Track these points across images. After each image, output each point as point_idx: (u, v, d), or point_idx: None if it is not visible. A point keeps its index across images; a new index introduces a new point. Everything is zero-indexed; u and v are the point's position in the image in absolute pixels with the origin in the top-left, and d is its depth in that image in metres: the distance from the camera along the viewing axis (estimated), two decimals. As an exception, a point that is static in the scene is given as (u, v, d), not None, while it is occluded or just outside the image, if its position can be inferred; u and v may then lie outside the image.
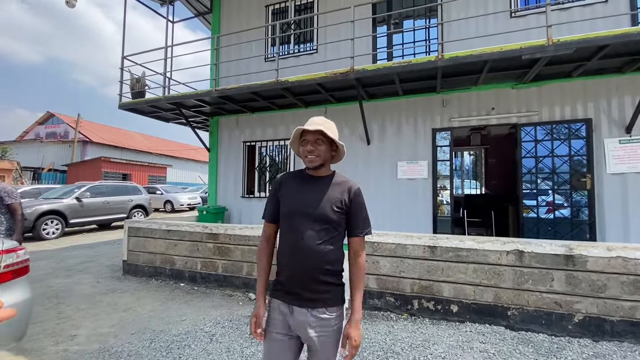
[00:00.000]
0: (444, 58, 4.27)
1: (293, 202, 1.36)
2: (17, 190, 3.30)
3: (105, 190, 10.50)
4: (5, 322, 0.61)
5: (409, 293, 3.47)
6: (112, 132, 26.77)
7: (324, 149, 1.35)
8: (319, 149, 1.34)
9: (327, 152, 1.36)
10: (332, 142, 1.37)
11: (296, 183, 1.41)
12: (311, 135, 1.34)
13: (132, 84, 6.59)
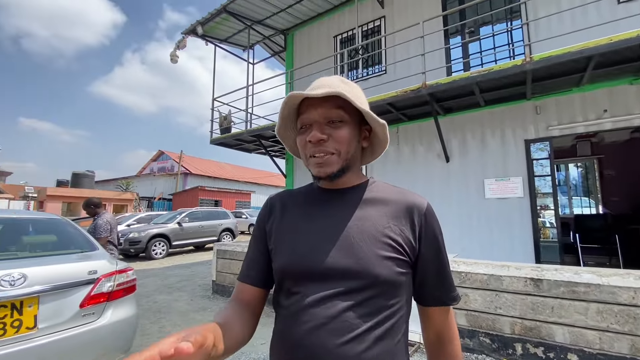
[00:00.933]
0: (532, 60, 3.76)
1: (294, 249, 0.70)
2: (106, 225, 3.92)
3: (201, 216, 11.87)
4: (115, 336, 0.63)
5: (508, 334, 2.94)
6: (206, 164, 30.65)
7: (347, 134, 0.69)
8: (337, 136, 0.69)
9: (352, 140, 0.71)
10: (361, 119, 0.74)
11: (299, 209, 0.77)
12: (318, 110, 0.69)
13: (220, 122, 7.47)
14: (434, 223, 0.72)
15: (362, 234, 0.67)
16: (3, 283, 1.85)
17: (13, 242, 2.59)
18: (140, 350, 1.50)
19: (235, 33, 8.03)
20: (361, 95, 0.74)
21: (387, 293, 0.65)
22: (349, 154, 0.71)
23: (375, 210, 0.71)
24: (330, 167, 0.69)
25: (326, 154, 0.69)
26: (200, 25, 7.10)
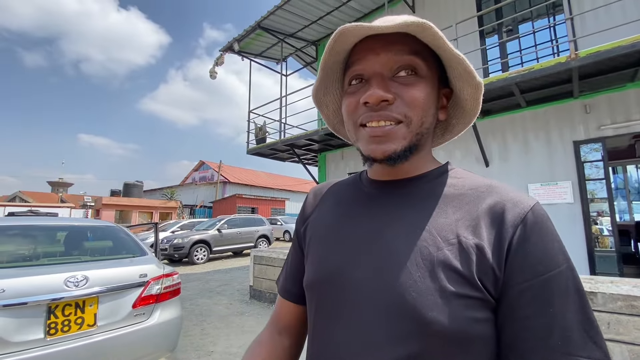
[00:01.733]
0: (578, 57, 3.52)
1: (322, 262, 0.52)
2: None
3: (239, 223, 12.34)
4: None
5: None
6: (243, 172, 31.84)
7: (424, 95, 0.47)
8: (409, 97, 0.46)
9: (430, 106, 0.49)
10: (440, 79, 0.51)
11: (340, 207, 0.57)
12: (381, 57, 0.47)
13: (255, 133, 7.78)
14: (540, 239, 0.42)
15: (414, 253, 0.44)
16: (69, 284, 2.09)
17: (76, 247, 2.90)
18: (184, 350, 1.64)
19: (269, 47, 8.37)
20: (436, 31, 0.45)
21: (447, 352, 0.40)
22: (423, 126, 0.48)
23: (443, 215, 0.46)
24: (392, 143, 0.46)
25: (390, 122, 0.46)
26: (237, 42, 7.50)
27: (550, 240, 0.42)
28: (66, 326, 2.02)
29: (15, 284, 1.92)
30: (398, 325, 0.41)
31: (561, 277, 0.40)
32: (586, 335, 0.39)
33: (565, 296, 0.40)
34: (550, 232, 0.43)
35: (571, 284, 0.40)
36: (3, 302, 1.82)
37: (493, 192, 0.47)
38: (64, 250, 2.78)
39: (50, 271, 2.13)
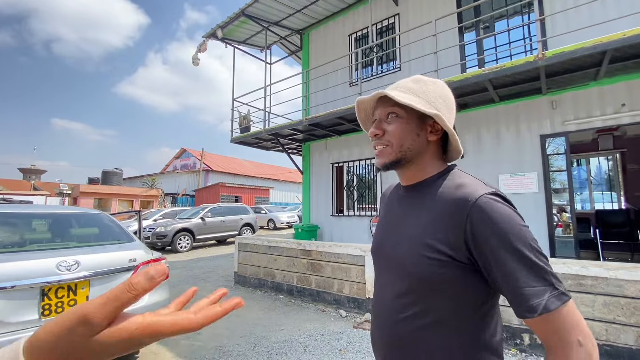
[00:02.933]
0: (545, 57, 3.78)
1: (375, 238, 0.89)
2: None
3: (222, 211, 12.34)
4: None
5: (516, 325, 3.05)
6: (227, 161, 31.44)
7: (398, 128, 0.76)
8: (389, 130, 0.77)
9: (407, 134, 0.76)
10: (423, 115, 0.76)
11: (388, 204, 0.90)
12: (378, 109, 0.81)
13: (240, 121, 7.78)
14: (484, 222, 0.64)
15: (412, 235, 0.73)
16: (61, 268, 2.18)
17: (61, 234, 2.95)
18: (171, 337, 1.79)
19: (253, 35, 8.29)
20: (432, 91, 0.77)
21: (422, 288, 0.70)
22: (404, 147, 0.76)
23: (431, 210, 0.72)
24: (383, 158, 0.78)
25: (381, 146, 0.78)
26: (220, 28, 7.40)
27: (492, 222, 0.63)
28: (59, 308, 2.12)
29: (8, 268, 2.00)
30: (399, 274, 0.75)
31: (504, 248, 0.62)
32: (530, 274, 0.60)
33: (508, 260, 0.62)
34: (492, 215, 0.64)
35: (512, 252, 0.62)
36: (-1, 284, 1.90)
37: (459, 190, 0.70)
38: (51, 237, 2.83)
39: (41, 256, 2.21)
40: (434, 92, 0.77)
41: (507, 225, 0.63)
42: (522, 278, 0.60)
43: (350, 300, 4.22)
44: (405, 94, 0.75)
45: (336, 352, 3.04)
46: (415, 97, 0.74)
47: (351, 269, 4.28)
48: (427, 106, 0.73)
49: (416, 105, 0.72)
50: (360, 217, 6.99)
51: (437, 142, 0.79)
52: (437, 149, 0.80)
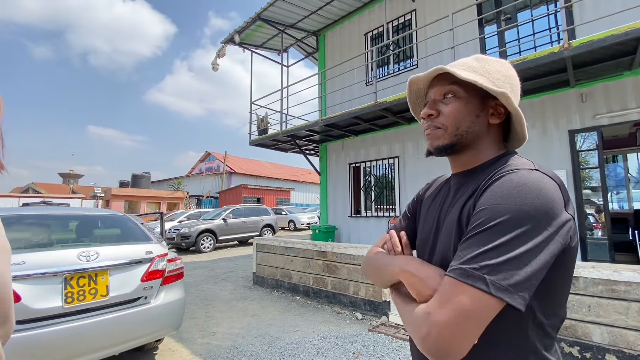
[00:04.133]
0: (571, 46, 3.55)
1: (418, 236, 0.81)
2: None
3: (244, 212, 12.58)
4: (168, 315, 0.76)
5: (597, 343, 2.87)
6: (249, 163, 32.08)
7: (455, 109, 0.69)
8: (445, 111, 0.70)
9: (465, 115, 0.69)
10: (485, 95, 0.68)
11: (432, 194, 0.84)
12: (433, 89, 0.73)
13: (257, 124, 7.91)
14: (487, 193, 0.59)
15: (450, 223, 0.67)
16: (81, 258, 2.31)
17: (87, 234, 3.11)
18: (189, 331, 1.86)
19: (269, 38, 8.41)
20: (497, 70, 0.68)
21: None
22: (460, 130, 0.68)
23: (467, 193, 0.66)
24: (436, 140, 0.71)
25: (433, 128, 0.71)
26: (237, 33, 7.56)
27: (494, 195, 0.57)
28: (81, 295, 2.24)
29: (34, 258, 2.15)
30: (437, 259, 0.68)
31: (486, 219, 0.55)
32: (475, 256, 0.53)
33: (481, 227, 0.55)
34: (498, 191, 0.57)
35: (485, 223, 0.55)
36: (25, 272, 2.04)
37: (496, 169, 0.63)
38: (76, 237, 2.99)
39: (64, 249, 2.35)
40: (498, 71, 0.68)
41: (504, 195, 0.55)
42: (481, 241, 0.54)
43: (366, 303, 4.15)
44: (466, 72, 0.67)
45: (349, 356, 2.99)
46: (477, 75, 0.66)
47: (367, 270, 4.20)
48: (492, 85, 0.65)
49: (480, 81, 0.64)
50: (378, 217, 6.88)
51: (498, 127, 0.71)
52: (497, 134, 0.71)
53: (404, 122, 6.30)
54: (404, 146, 6.61)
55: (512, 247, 0.51)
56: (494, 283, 0.50)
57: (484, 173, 0.66)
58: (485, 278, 0.50)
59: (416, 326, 0.56)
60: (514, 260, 0.50)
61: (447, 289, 0.54)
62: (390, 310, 3.90)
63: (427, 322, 0.53)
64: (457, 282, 0.52)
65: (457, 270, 0.53)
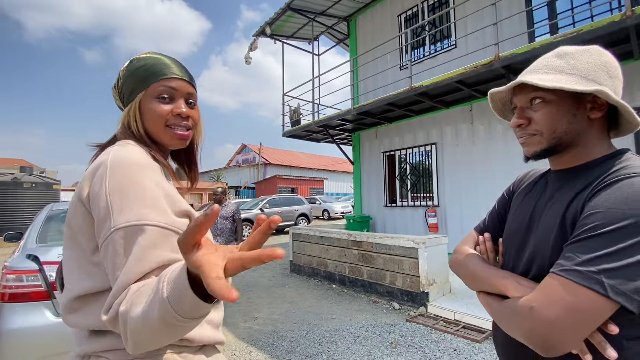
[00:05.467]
0: (635, 14, 3.13)
1: (506, 229, 0.82)
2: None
3: (279, 202, 12.92)
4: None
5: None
6: (283, 154, 32.65)
7: (546, 115, 0.67)
8: (536, 118, 0.68)
9: (558, 119, 0.67)
10: (579, 97, 0.66)
11: (526, 188, 0.82)
12: (518, 96, 0.72)
13: (290, 115, 7.98)
14: (602, 196, 0.58)
15: (546, 220, 0.67)
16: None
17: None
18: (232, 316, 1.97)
19: (300, 28, 8.36)
20: (585, 62, 0.66)
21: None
22: (557, 132, 0.67)
23: (573, 192, 0.65)
24: (532, 147, 0.70)
25: (528, 136, 0.70)
26: (268, 25, 7.60)
27: (608, 198, 0.57)
28: None
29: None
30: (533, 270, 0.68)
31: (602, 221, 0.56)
32: (591, 259, 0.54)
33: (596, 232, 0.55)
34: (616, 191, 0.57)
35: (603, 227, 0.55)
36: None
37: (619, 170, 0.61)
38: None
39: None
40: (587, 62, 0.66)
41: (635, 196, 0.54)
42: (582, 244, 0.56)
43: (403, 293, 4.11)
44: (549, 75, 0.66)
45: (387, 345, 3.00)
46: (563, 75, 0.65)
47: (403, 261, 4.15)
48: (582, 83, 0.63)
49: (566, 85, 0.63)
50: (415, 207, 6.72)
51: (602, 118, 0.68)
52: (602, 126, 0.68)
53: (442, 106, 6.01)
54: (442, 132, 6.33)
55: (632, 253, 0.52)
56: (613, 287, 0.51)
57: (593, 172, 0.64)
58: (603, 282, 0.52)
59: (518, 319, 0.59)
60: (633, 265, 0.51)
61: (558, 288, 0.55)
62: (428, 301, 3.83)
63: (531, 317, 0.56)
64: (571, 282, 0.54)
65: (573, 272, 0.55)
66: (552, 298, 0.55)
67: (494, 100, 0.79)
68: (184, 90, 0.77)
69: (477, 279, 0.74)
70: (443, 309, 3.67)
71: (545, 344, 0.55)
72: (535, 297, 0.58)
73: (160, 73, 0.74)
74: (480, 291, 0.73)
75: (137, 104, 0.74)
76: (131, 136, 0.74)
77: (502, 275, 0.70)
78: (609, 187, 0.58)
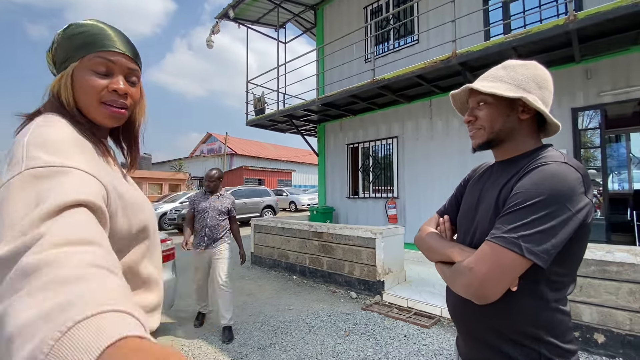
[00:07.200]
0: (577, 19, 3.36)
1: (460, 210, 0.99)
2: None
3: (244, 194, 12.62)
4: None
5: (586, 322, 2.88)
6: (250, 144, 31.90)
7: (487, 114, 0.84)
8: (480, 116, 0.85)
9: (496, 117, 0.83)
10: (513, 102, 0.82)
11: (479, 175, 0.98)
12: (470, 99, 0.90)
13: (254, 103, 7.75)
14: (524, 180, 0.74)
15: (490, 202, 0.82)
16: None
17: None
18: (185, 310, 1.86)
19: (265, 13, 8.09)
20: (521, 74, 0.82)
21: None
22: (495, 128, 0.84)
23: (505, 178, 0.82)
24: (477, 139, 0.87)
25: (475, 130, 0.88)
26: (232, 8, 7.27)
27: (531, 183, 0.73)
28: None
29: None
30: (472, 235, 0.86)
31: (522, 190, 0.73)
32: (513, 228, 0.70)
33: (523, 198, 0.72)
34: (536, 178, 0.72)
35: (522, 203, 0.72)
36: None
37: (538, 160, 0.77)
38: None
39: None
40: (522, 74, 0.82)
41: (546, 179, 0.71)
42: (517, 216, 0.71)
43: (361, 283, 4.19)
44: (491, 83, 0.83)
45: (340, 334, 3.04)
46: (502, 83, 0.82)
47: (362, 251, 4.22)
48: (514, 90, 0.80)
49: (498, 91, 0.79)
50: (376, 199, 6.86)
51: (531, 119, 0.83)
52: (531, 126, 0.84)
53: (404, 100, 6.13)
54: (404, 126, 6.48)
55: (542, 222, 0.68)
56: (527, 248, 0.67)
57: (522, 162, 0.80)
58: (521, 245, 0.68)
59: (460, 277, 0.76)
60: (543, 232, 0.68)
61: (489, 251, 0.71)
62: (384, 290, 3.94)
63: (469, 274, 0.73)
64: (498, 246, 0.70)
65: (499, 238, 0.70)
66: (484, 258, 0.72)
67: (454, 100, 0.95)
68: (125, 66, 0.70)
69: (433, 250, 0.91)
70: (397, 297, 3.79)
71: (479, 294, 0.71)
72: (472, 258, 0.74)
73: (100, 44, 0.67)
74: (437, 262, 0.89)
75: (69, 73, 0.67)
76: (60, 109, 0.66)
77: (450, 245, 0.87)
78: (529, 173, 0.74)
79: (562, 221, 0.67)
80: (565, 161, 0.72)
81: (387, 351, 2.69)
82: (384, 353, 2.67)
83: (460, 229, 0.95)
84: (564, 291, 0.77)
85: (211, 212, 3.20)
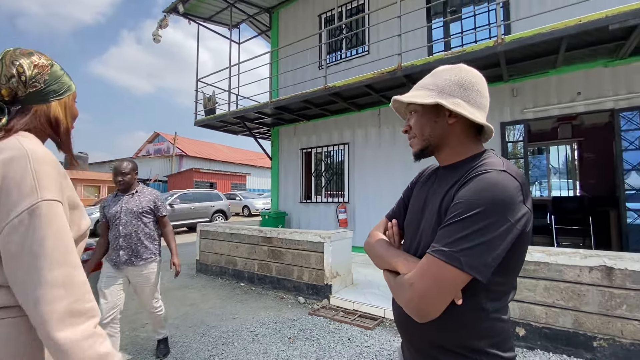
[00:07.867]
0: (504, 42, 3.73)
1: (407, 216, 0.97)
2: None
3: (192, 198, 11.98)
4: None
5: (463, 309, 3.09)
6: (202, 145, 30.52)
7: (417, 122, 0.86)
8: (412, 124, 0.87)
9: (426, 124, 0.84)
10: (438, 108, 0.82)
11: (425, 178, 0.97)
12: (406, 109, 0.92)
13: (204, 103, 7.43)
14: (464, 189, 0.72)
15: (433, 209, 0.81)
16: None
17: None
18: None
19: (218, 12, 7.84)
20: (445, 79, 0.82)
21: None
22: (425, 135, 0.85)
23: (447, 185, 0.80)
24: (414, 148, 0.88)
25: (411, 139, 0.89)
26: (182, 3, 6.92)
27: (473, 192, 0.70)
28: None
29: None
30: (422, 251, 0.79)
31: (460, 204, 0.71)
32: (453, 241, 0.68)
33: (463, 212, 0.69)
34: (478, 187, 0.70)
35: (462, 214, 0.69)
36: None
37: (472, 167, 0.77)
38: None
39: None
40: (445, 79, 0.82)
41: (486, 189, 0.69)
42: (455, 230, 0.69)
43: (309, 287, 4.17)
44: (415, 92, 0.84)
45: (285, 341, 2.98)
46: (425, 90, 0.82)
47: (311, 255, 4.21)
48: (434, 96, 0.79)
49: (415, 99, 0.81)
50: (328, 203, 6.93)
51: (462, 124, 0.81)
52: (465, 130, 0.83)
53: (355, 108, 6.31)
54: (354, 133, 6.66)
55: (482, 234, 0.66)
56: (467, 262, 0.66)
57: (464, 168, 0.79)
58: (460, 259, 0.66)
59: (402, 292, 0.75)
60: (483, 244, 0.66)
61: (429, 265, 0.70)
62: (331, 294, 3.96)
63: (410, 290, 0.71)
64: (438, 260, 0.68)
65: (440, 252, 0.69)
66: (424, 274, 0.70)
67: (398, 112, 0.95)
68: None
69: (380, 258, 0.90)
70: (344, 300, 3.84)
71: (419, 309, 0.70)
72: (414, 274, 0.72)
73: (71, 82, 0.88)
74: (384, 270, 0.87)
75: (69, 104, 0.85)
76: (40, 131, 0.77)
77: (395, 254, 0.85)
78: (469, 182, 0.72)
79: (502, 232, 0.66)
80: (505, 169, 0.71)
81: (330, 355, 2.69)
82: (327, 357, 2.66)
83: (407, 234, 0.93)
84: (504, 299, 0.76)
85: (124, 216, 2.48)
